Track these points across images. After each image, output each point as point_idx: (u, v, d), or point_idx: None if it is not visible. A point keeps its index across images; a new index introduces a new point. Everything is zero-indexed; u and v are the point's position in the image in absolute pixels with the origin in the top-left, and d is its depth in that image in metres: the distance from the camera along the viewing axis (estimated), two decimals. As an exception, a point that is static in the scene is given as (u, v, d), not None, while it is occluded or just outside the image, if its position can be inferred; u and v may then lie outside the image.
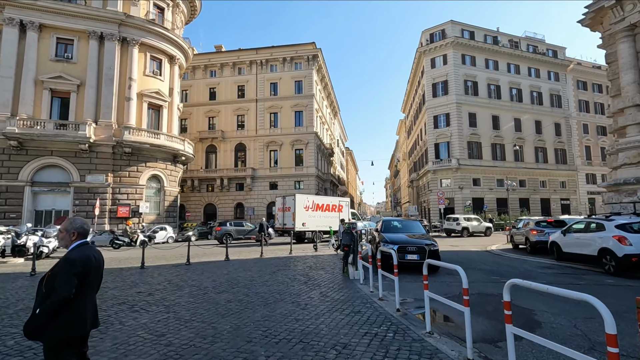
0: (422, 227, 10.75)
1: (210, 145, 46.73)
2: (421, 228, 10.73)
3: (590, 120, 50.61)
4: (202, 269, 10.58)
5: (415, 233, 10.51)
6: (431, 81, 44.17)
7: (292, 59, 46.31)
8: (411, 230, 10.64)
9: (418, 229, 10.73)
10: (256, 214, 43.81)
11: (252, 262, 12.14)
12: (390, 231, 10.40)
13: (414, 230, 10.67)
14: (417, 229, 10.75)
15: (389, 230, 10.50)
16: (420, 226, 10.87)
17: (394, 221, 11.57)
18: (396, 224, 11.15)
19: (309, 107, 45.35)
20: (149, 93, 29.62)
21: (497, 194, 42.67)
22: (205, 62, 47.93)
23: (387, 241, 9.32)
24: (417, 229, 10.73)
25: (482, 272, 9.58)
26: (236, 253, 15.29)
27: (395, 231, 10.51)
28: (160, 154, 29.49)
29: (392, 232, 10.24)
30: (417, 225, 10.96)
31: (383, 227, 10.85)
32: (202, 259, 13.25)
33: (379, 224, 11.66)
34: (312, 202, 21.73)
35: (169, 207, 30.43)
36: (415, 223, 11.20)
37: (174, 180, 31.03)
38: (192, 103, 47.78)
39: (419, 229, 10.75)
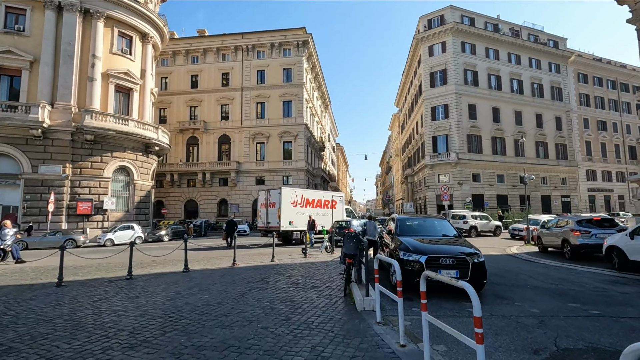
0: (451, 227, 7.85)
1: (191, 137, 43.25)
2: (451, 228, 7.82)
3: (591, 114, 48.79)
4: (142, 287, 7.45)
5: (444, 236, 7.57)
6: (429, 70, 41.46)
7: (280, 45, 43.06)
8: (438, 232, 7.70)
9: (446, 229, 7.81)
10: (241, 210, 40.60)
11: (219, 274, 9.04)
12: (409, 233, 7.43)
13: (441, 232, 7.72)
14: (446, 229, 7.82)
15: (408, 232, 7.55)
16: (449, 226, 7.94)
17: (413, 220, 8.51)
18: (417, 223, 8.10)
19: (299, 97, 42.22)
20: (117, 73, 26.09)
21: (498, 190, 40.37)
22: (187, 47, 44.34)
23: (408, 249, 6.37)
24: (445, 230, 7.79)
25: (545, 293, 6.69)
26: (203, 260, 12.14)
27: (417, 233, 7.54)
28: (130, 142, 26.02)
29: (413, 235, 7.31)
30: (445, 225, 7.99)
31: (399, 229, 7.77)
32: (152, 270, 10.09)
33: (390, 224, 8.68)
34: (301, 197, 18.66)
35: (140, 203, 27.00)
36: (442, 222, 8.19)
37: (145, 173, 27.58)
38: (172, 91, 44.20)
39: (448, 229, 7.85)
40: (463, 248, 6.53)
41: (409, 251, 6.39)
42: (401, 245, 6.73)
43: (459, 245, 6.72)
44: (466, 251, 6.36)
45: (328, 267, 10.05)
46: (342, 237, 6.60)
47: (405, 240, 6.87)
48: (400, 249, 6.61)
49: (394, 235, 7.52)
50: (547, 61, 45.96)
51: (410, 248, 6.44)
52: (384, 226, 10.21)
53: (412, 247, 6.44)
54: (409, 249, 6.44)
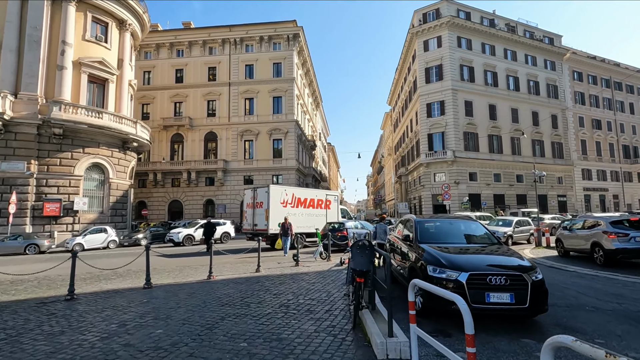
0: (487, 231, 6.09)
1: (176, 134, 41.01)
2: (486, 232, 6.05)
3: (586, 113, 48.14)
4: (79, 315, 5.57)
5: (479, 242, 5.86)
6: (424, 65, 40.07)
7: (270, 39, 41.18)
8: (470, 238, 5.98)
9: (480, 234, 6.05)
10: (228, 211, 38.56)
11: (188, 291, 7.17)
12: (434, 240, 5.68)
13: (474, 238, 6.00)
14: (479, 234, 6.06)
15: (433, 239, 5.77)
16: (482, 229, 6.20)
17: (435, 223, 6.53)
18: (442, 227, 6.34)
19: (289, 92, 40.39)
20: (90, 62, 23.90)
21: (495, 189, 39.17)
22: (171, 39, 42.09)
23: (440, 262, 4.64)
24: (479, 235, 6.04)
25: (618, 318, 5.00)
26: (175, 271, 10.22)
27: (443, 239, 5.75)
28: (104, 137, 23.84)
29: (438, 242, 5.58)
30: (478, 229, 6.25)
31: (419, 234, 5.94)
32: (106, 285, 8.17)
33: (403, 228, 6.94)
34: (292, 196, 16.81)
35: (116, 204, 24.81)
36: (472, 224, 6.40)
37: (123, 171, 25.40)
38: (155, 86, 41.91)
39: (482, 234, 6.09)
40: (513, 260, 4.84)
41: (441, 266, 4.66)
42: (428, 257, 4.99)
43: (505, 256, 5.02)
44: (520, 265, 4.66)
45: (325, 280, 8.28)
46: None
47: (432, 250, 5.12)
48: (427, 262, 4.87)
49: (414, 243, 5.76)
50: (542, 58, 45.10)
51: (442, 262, 4.70)
52: (393, 230, 8.43)
53: (445, 261, 4.71)
54: (441, 262, 4.70)
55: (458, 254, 4.98)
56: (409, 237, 6.03)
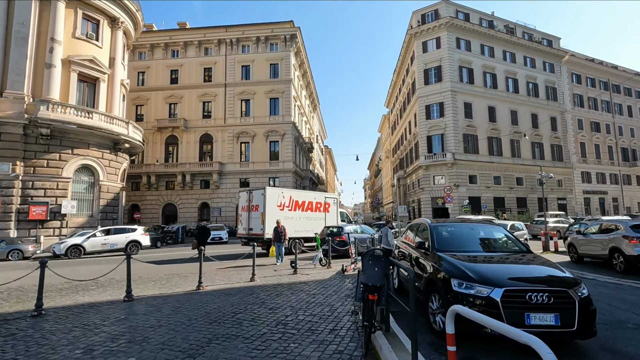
0: (511, 236, 5.34)
1: (170, 136, 40.17)
2: (511, 238, 5.32)
3: (585, 115, 47.85)
4: (41, 336, 4.79)
5: (506, 250, 5.11)
6: (423, 67, 39.58)
7: (267, 39, 40.55)
8: (495, 245, 5.24)
9: (505, 240, 5.29)
10: (223, 215, 37.74)
11: (173, 305, 6.38)
12: (454, 248, 5.00)
13: (499, 244, 5.25)
14: (504, 240, 5.30)
15: (452, 247, 5.05)
16: (507, 234, 5.44)
17: (453, 228, 5.78)
18: (461, 232, 5.64)
19: (286, 94, 39.72)
20: (80, 60, 23.09)
21: (495, 192, 38.62)
22: (166, 39, 41.33)
23: (467, 276, 3.91)
24: (503, 241, 5.28)
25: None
26: (162, 280, 9.40)
27: (464, 247, 5.02)
28: (94, 138, 22.99)
29: (459, 250, 4.91)
30: (502, 234, 5.56)
31: (436, 241, 5.18)
32: (83, 297, 7.34)
33: (414, 234, 6.19)
34: (290, 198, 16.04)
35: (107, 207, 23.91)
36: (493, 229, 5.76)
37: (114, 173, 24.52)
38: (149, 87, 41.11)
39: (508, 240, 5.40)
40: (551, 271, 4.12)
41: (468, 279, 3.92)
42: (451, 268, 4.25)
43: (541, 266, 4.30)
44: (562, 278, 3.94)
45: (326, 290, 7.51)
46: (364, 258, 4.01)
47: (454, 261, 4.38)
48: (451, 275, 4.13)
49: (431, 251, 5.02)
50: (541, 60, 44.82)
51: (470, 274, 3.97)
52: (400, 235, 7.69)
53: (473, 273, 3.97)
54: (468, 275, 3.96)
55: (486, 265, 4.26)
56: (423, 245, 5.27)
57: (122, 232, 19.61)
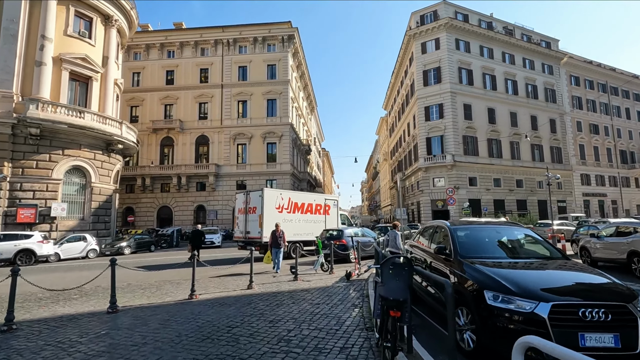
0: (542, 240, 4.75)
1: (166, 138, 39.49)
2: (543, 242, 4.77)
3: (584, 117, 47.66)
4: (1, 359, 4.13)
5: (541, 258, 4.50)
6: (422, 68, 39.19)
7: (264, 40, 40.06)
8: (525, 250, 4.66)
9: (534, 244, 4.71)
10: (220, 217, 37.05)
11: (163, 317, 5.76)
12: (479, 253, 4.41)
13: (530, 249, 4.65)
14: (533, 244, 4.72)
15: (476, 252, 4.46)
16: (535, 237, 4.85)
17: (476, 231, 5.13)
18: (485, 235, 4.98)
19: (284, 95, 39.19)
20: (72, 59, 22.41)
21: (495, 194, 38.17)
22: (162, 40, 40.74)
23: (504, 287, 3.31)
24: (533, 245, 4.69)
25: None
26: (152, 287, 8.73)
27: (491, 252, 4.46)
28: (86, 138, 22.27)
29: (486, 256, 4.31)
30: (529, 236, 5.01)
31: (459, 246, 4.56)
32: (63, 307, 6.67)
33: (427, 238, 5.58)
34: (289, 200, 15.42)
35: (99, 210, 23.16)
36: (518, 231, 5.18)
37: (106, 175, 23.79)
38: (145, 88, 40.45)
39: (537, 244, 4.80)
40: (601, 280, 3.54)
41: (506, 292, 3.33)
42: (483, 278, 3.65)
43: (588, 273, 3.72)
44: (615, 288, 3.36)
45: (331, 299, 6.90)
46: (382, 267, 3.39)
47: (485, 269, 3.77)
48: (483, 286, 3.53)
49: (454, 257, 4.43)
50: (540, 62, 44.62)
51: (507, 285, 3.37)
52: (413, 240, 7.07)
53: (512, 284, 3.38)
54: (505, 287, 3.37)
55: (524, 273, 3.68)
56: (442, 250, 4.68)
57: (11, 238, 16.20)
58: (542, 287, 3.33)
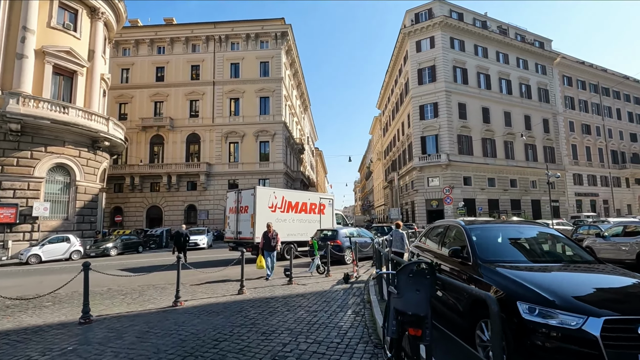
0: (567, 239, 4.20)
1: (155, 136, 38.49)
2: (567, 241, 4.31)
3: (576, 117, 47.88)
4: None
5: (574, 262, 3.93)
6: (417, 66, 38.87)
7: (257, 36, 39.32)
8: (553, 253, 4.11)
9: (559, 244, 4.20)
10: (211, 218, 36.23)
11: (142, 327, 5.15)
12: (502, 257, 3.87)
13: (558, 252, 4.10)
14: (557, 244, 4.21)
15: (498, 255, 3.93)
16: (562, 237, 4.36)
17: (495, 230, 4.53)
18: (505, 236, 4.39)
19: (277, 93, 38.51)
20: (56, 52, 21.49)
21: (489, 194, 38.01)
22: (152, 35, 39.72)
23: (543, 298, 2.78)
24: (557, 246, 4.18)
25: None
26: (133, 293, 8.06)
27: (515, 256, 3.89)
28: (71, 135, 21.37)
29: (510, 260, 3.76)
30: (554, 237, 4.48)
31: (478, 248, 4.00)
32: (29, 319, 5.98)
33: (432, 241, 5.02)
34: (282, 199, 14.81)
35: (84, 209, 22.26)
36: (540, 230, 4.69)
37: (92, 173, 22.90)
38: (134, 84, 39.39)
39: (562, 244, 4.35)
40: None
41: (545, 304, 2.80)
42: (514, 287, 3.10)
43: (632, 278, 3.20)
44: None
45: (330, 305, 6.32)
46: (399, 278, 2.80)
47: (514, 275, 3.24)
48: (516, 296, 2.98)
49: (473, 261, 3.87)
50: (533, 62, 44.68)
51: (546, 296, 2.83)
52: (418, 241, 6.52)
53: (550, 294, 2.83)
54: (544, 297, 2.82)
55: (563, 280, 3.14)
56: (457, 253, 4.14)
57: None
58: (587, 297, 2.80)
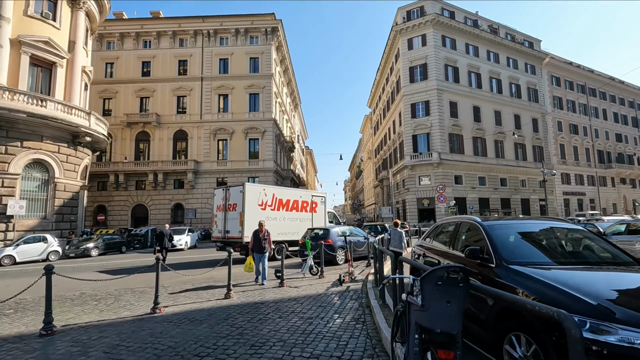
0: (600, 239, 3.72)
1: (141, 132, 37.30)
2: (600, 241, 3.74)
3: (564, 117, 48.39)
4: None
5: (612, 263, 3.45)
6: (408, 64, 38.59)
7: (246, 32, 38.45)
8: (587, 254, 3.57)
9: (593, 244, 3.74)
10: (199, 217, 35.31)
11: (112, 339, 4.50)
12: (531, 259, 3.27)
13: (592, 253, 3.57)
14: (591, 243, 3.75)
15: (527, 257, 3.33)
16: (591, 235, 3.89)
17: (517, 228, 3.93)
18: (531, 235, 3.88)
19: (267, 89, 37.74)
20: (33, 42, 20.37)
21: (480, 193, 38.00)
22: (137, 28, 38.46)
23: (598, 309, 2.25)
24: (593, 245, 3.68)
25: None
26: (108, 298, 7.35)
27: (545, 258, 3.40)
28: (49, 130, 20.30)
29: (541, 262, 3.18)
30: (586, 235, 3.95)
31: (499, 248, 3.44)
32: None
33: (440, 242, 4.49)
34: (272, 196, 14.16)
35: (64, 208, 21.20)
36: (573, 228, 4.15)
37: (72, 170, 21.85)
38: (118, 79, 38.11)
39: (597, 244, 3.76)
40: None
41: (602, 317, 2.27)
42: (553, 294, 2.59)
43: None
44: None
45: (325, 311, 5.75)
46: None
47: (550, 278, 2.73)
48: (556, 305, 2.48)
49: (499, 263, 3.33)
50: (523, 61, 44.94)
51: (602, 307, 2.31)
52: (423, 240, 5.97)
53: (608, 305, 2.33)
54: (601, 310, 2.30)
55: (617, 287, 2.64)
56: (476, 254, 3.61)
57: None
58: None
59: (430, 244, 5.29)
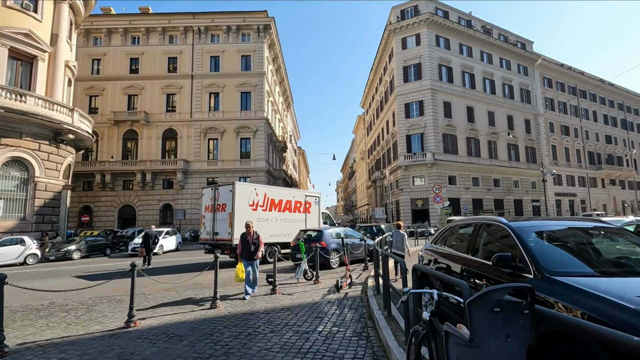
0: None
1: (129, 131, 36.23)
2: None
3: (556, 119, 48.62)
4: None
5: None
6: (402, 64, 38.23)
7: (238, 29, 37.69)
8: (632, 260, 3.09)
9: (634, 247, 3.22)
10: (188, 218, 34.41)
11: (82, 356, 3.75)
12: (571, 267, 2.70)
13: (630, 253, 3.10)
14: (633, 247, 3.24)
15: (566, 265, 2.75)
16: (633, 237, 3.48)
17: (552, 231, 3.38)
18: (567, 239, 3.29)
19: (259, 88, 37.02)
20: (12, 34, 19.39)
21: (474, 194, 37.80)
22: (126, 24, 37.42)
23: None
24: (635, 249, 3.18)
25: None
26: (80, 307, 6.62)
27: (585, 265, 2.76)
28: (29, 126, 19.32)
29: (582, 271, 2.62)
30: (627, 237, 3.32)
31: (537, 255, 2.80)
32: None
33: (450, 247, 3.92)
34: (264, 196, 13.48)
35: (45, 208, 20.21)
36: (604, 228, 3.49)
37: (54, 169, 20.86)
38: (105, 76, 37.01)
39: None
40: None
41: None
42: (620, 313, 2.04)
43: None
44: None
45: (323, 323, 5.14)
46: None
47: (609, 291, 2.14)
48: (627, 327, 1.91)
49: (538, 274, 2.69)
50: (516, 62, 45.01)
51: None
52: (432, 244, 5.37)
53: None
54: None
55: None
56: (508, 261, 3.00)
57: None
58: None
59: (442, 249, 4.70)
